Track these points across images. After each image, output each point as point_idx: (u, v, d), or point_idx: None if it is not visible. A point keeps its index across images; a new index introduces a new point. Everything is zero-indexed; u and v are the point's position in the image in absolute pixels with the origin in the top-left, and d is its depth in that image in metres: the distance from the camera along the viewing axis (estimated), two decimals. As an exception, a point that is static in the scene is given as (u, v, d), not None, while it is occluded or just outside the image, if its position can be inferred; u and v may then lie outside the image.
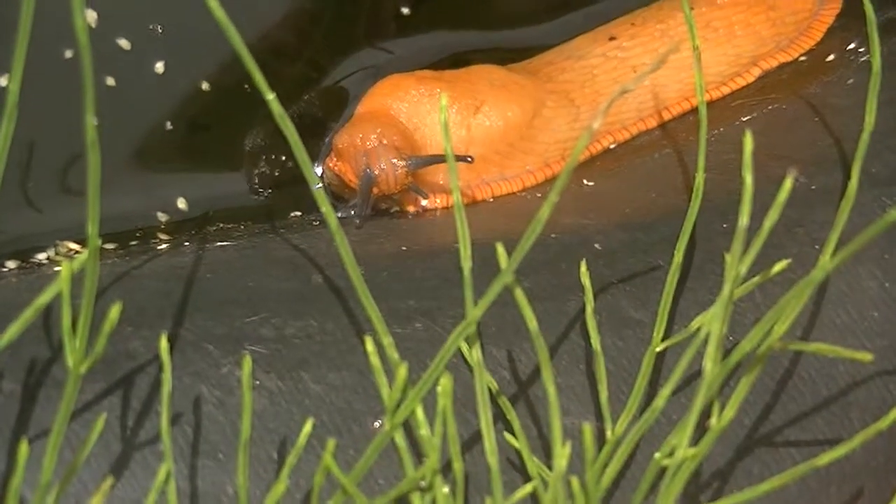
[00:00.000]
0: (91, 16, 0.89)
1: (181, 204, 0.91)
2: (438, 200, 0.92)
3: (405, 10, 0.95)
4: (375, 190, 0.88)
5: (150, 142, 0.91)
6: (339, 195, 0.93)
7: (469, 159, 0.88)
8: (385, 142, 0.88)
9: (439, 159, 0.89)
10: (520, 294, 0.72)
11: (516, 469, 0.76)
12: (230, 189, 0.92)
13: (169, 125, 0.91)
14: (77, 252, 0.84)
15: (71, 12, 0.58)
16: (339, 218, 0.89)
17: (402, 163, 0.88)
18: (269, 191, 0.93)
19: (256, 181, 0.93)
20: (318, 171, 0.92)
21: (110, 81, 0.90)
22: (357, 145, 0.88)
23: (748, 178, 0.69)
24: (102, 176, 0.87)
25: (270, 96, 0.67)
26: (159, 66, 0.90)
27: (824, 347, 0.76)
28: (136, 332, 0.76)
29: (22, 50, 0.65)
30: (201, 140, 0.92)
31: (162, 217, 0.91)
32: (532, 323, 0.72)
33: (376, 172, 0.87)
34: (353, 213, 0.88)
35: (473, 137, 0.92)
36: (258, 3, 0.90)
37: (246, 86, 0.72)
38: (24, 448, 0.67)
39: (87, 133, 0.63)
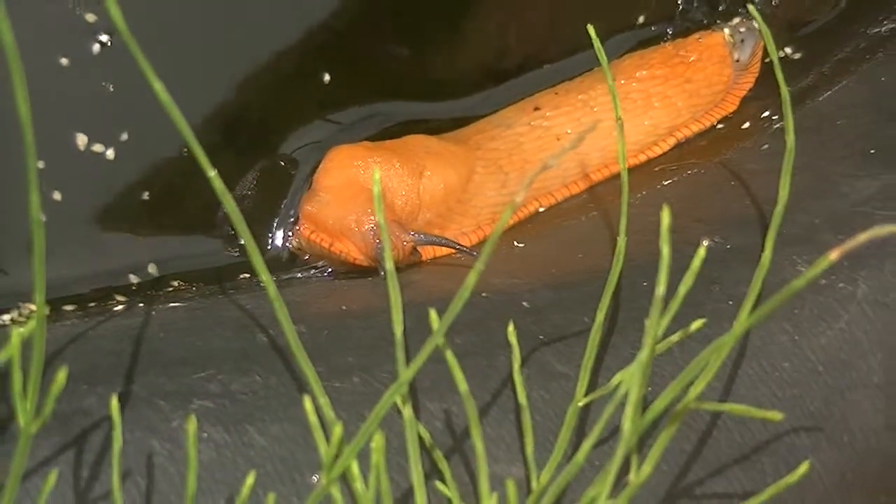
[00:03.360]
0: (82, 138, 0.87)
1: (151, 269, 0.89)
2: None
3: (326, 77, 0.93)
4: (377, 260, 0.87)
5: (122, 210, 0.89)
6: (299, 256, 0.92)
7: (475, 253, 0.88)
8: (394, 220, 0.87)
9: (442, 242, 0.89)
10: (450, 355, 0.71)
11: (451, 516, 0.73)
12: (188, 252, 0.90)
13: (145, 195, 0.89)
14: (38, 313, 0.81)
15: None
16: (299, 278, 0.89)
17: (409, 237, 0.88)
18: (235, 251, 0.91)
19: (215, 246, 0.91)
20: (280, 235, 0.91)
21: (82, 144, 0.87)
22: (351, 227, 0.87)
23: (665, 250, 0.66)
24: (77, 239, 0.85)
25: (212, 173, 0.66)
26: (124, 136, 0.87)
27: (737, 408, 0.75)
28: (91, 389, 0.73)
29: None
30: (170, 209, 0.90)
31: (134, 279, 0.88)
32: (462, 385, 0.70)
33: (398, 252, 0.87)
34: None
35: (423, 202, 0.90)
36: (205, 84, 0.88)
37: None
38: None
39: (32, 212, 0.62)
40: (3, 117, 0.69)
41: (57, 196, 0.85)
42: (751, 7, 0.89)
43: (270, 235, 0.90)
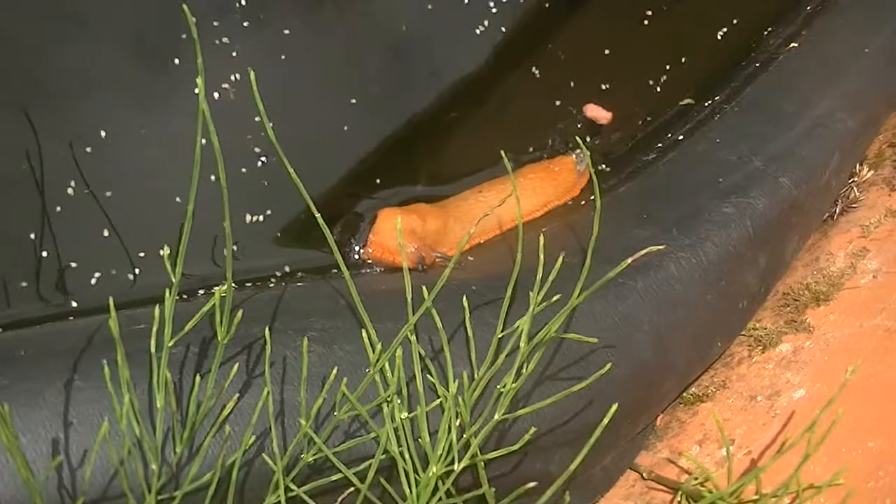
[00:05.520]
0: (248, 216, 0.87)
1: (286, 268, 0.86)
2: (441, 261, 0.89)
3: (377, 181, 0.92)
4: (423, 265, 0.87)
5: (269, 243, 0.87)
6: (363, 261, 0.89)
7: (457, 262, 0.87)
8: (420, 246, 0.86)
9: (446, 259, 0.88)
10: (434, 312, 0.72)
11: (434, 392, 0.73)
12: (306, 259, 0.88)
13: (278, 234, 0.88)
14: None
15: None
16: (362, 272, 0.88)
17: (437, 254, 0.87)
18: (330, 257, 0.87)
19: (320, 255, 0.88)
20: (356, 249, 0.88)
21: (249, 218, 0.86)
22: (412, 248, 0.86)
23: (542, 258, 0.67)
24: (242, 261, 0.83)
25: (317, 215, 0.66)
26: (269, 211, 0.87)
27: (574, 336, 0.75)
28: (256, 324, 0.73)
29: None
30: (295, 240, 0.88)
31: (278, 273, 0.86)
32: (439, 325, 0.72)
33: (426, 259, 0.86)
34: (420, 268, 0.87)
35: (426, 236, 0.88)
36: (313, 181, 0.84)
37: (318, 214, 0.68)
38: (198, 379, 0.66)
39: (227, 256, 0.60)
40: (211, 202, 0.68)
41: (234, 248, 0.84)
42: (585, 144, 0.90)
43: (349, 250, 0.88)
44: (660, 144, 0.99)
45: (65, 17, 0.80)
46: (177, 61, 0.84)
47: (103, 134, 0.81)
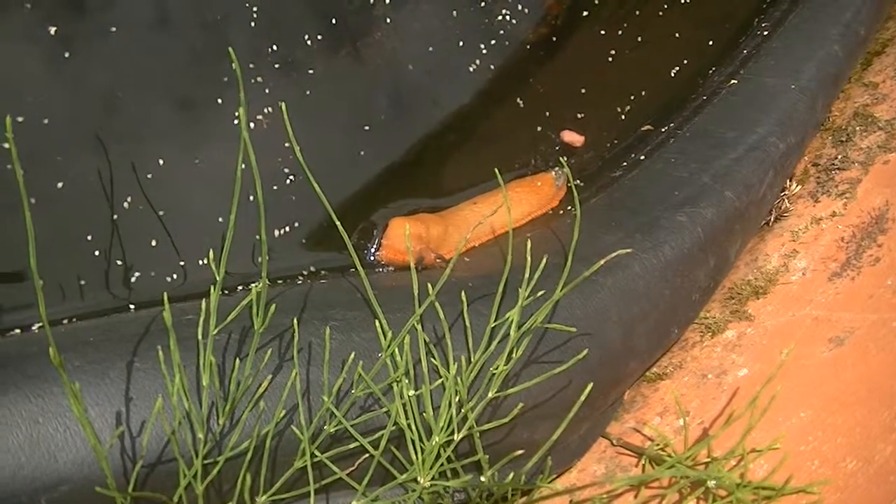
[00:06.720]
0: (277, 231, 0.84)
1: (312, 268, 0.83)
2: (439, 262, 0.85)
3: (389, 195, 0.88)
4: (422, 265, 0.84)
5: (294, 246, 0.84)
6: (377, 261, 0.86)
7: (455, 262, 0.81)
8: (424, 249, 0.83)
9: (444, 262, 0.84)
10: (436, 304, 0.70)
11: (437, 373, 0.70)
12: (327, 259, 0.84)
13: (303, 240, 0.84)
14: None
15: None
16: (375, 271, 0.85)
17: (434, 255, 0.84)
18: (348, 257, 0.85)
19: (339, 256, 0.85)
20: (372, 251, 0.85)
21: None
22: (417, 250, 0.82)
23: (528, 259, 0.65)
24: (274, 260, 0.81)
25: (338, 222, 0.64)
26: (296, 224, 0.84)
27: (555, 325, 0.73)
28: (286, 315, 0.70)
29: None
30: (317, 244, 0.85)
31: (305, 272, 0.82)
32: (441, 316, 0.69)
33: (425, 259, 0.83)
34: (420, 267, 0.83)
35: (430, 241, 0.85)
36: (334, 197, 0.83)
37: (339, 223, 0.65)
38: (237, 361, 0.64)
39: (263, 250, 0.58)
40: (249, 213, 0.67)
41: (267, 255, 0.79)
42: (563, 163, 0.86)
43: (365, 252, 0.85)
44: (625, 163, 0.96)
45: (130, 68, 0.80)
46: (220, 100, 0.83)
47: (161, 161, 0.80)
